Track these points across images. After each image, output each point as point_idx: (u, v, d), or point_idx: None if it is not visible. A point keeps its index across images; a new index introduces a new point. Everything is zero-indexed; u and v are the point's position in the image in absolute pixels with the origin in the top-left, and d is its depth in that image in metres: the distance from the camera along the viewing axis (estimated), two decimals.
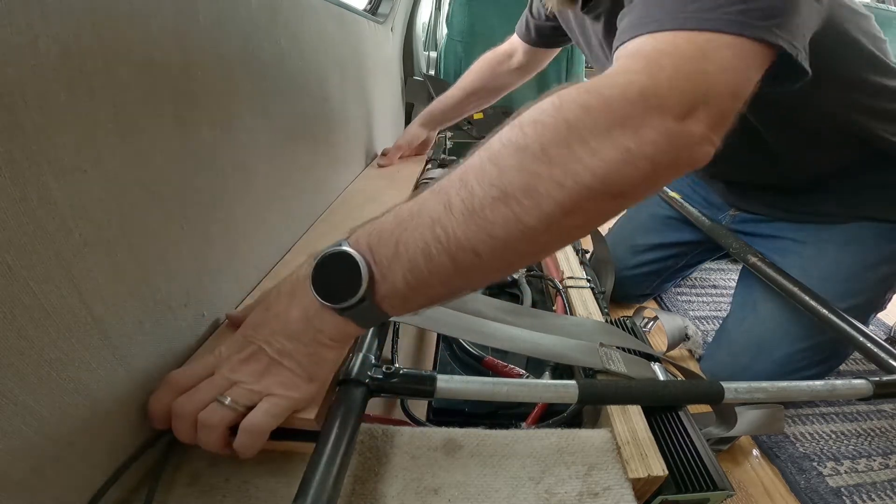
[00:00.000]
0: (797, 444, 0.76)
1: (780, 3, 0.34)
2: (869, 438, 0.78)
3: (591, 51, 0.77)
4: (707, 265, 1.30)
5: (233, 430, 0.31)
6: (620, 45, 0.35)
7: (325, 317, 0.30)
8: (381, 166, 0.94)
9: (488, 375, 0.48)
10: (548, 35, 0.91)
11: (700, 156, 0.30)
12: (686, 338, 0.92)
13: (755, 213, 0.89)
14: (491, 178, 0.27)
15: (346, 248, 0.29)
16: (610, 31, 0.63)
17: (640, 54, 0.31)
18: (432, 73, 1.79)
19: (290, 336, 0.31)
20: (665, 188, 0.99)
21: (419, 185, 0.84)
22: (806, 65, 0.37)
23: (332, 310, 0.30)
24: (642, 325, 0.97)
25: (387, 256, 0.29)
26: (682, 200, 0.93)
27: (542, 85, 1.74)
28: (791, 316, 0.77)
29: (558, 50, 0.99)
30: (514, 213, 0.27)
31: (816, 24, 0.42)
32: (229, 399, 0.30)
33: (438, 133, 1.11)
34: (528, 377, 0.47)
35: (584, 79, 1.78)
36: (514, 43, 1.00)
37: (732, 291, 0.95)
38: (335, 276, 0.29)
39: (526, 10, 0.93)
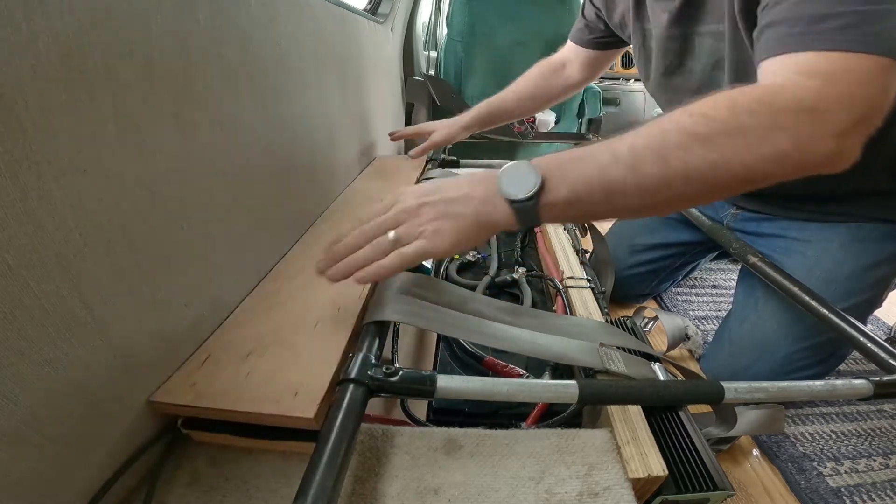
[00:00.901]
0: (797, 444, 0.76)
1: None
2: (869, 438, 0.78)
3: (636, 41, 0.77)
4: (707, 265, 1.30)
5: None
6: (779, 55, 0.40)
7: (498, 203, 0.38)
8: (412, 157, 0.95)
9: (488, 375, 0.48)
10: (601, 38, 0.91)
11: (844, 164, 0.36)
12: (686, 338, 0.92)
13: (757, 211, 0.88)
14: (654, 146, 0.36)
15: (528, 163, 0.38)
16: (681, 17, 0.65)
17: (813, 73, 0.36)
18: (432, 72, 1.79)
19: (466, 203, 0.38)
20: None
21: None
22: None
23: (506, 200, 0.37)
24: (642, 325, 0.97)
25: (556, 176, 0.37)
26: None
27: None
28: (792, 316, 0.77)
29: (615, 57, 0.99)
30: (663, 173, 0.35)
31: None
32: (393, 234, 0.38)
33: None
34: (528, 377, 0.47)
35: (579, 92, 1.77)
36: (568, 52, 0.99)
37: (732, 291, 0.95)
38: (517, 178, 0.37)
39: (579, 16, 0.93)
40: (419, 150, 0.95)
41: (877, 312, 0.88)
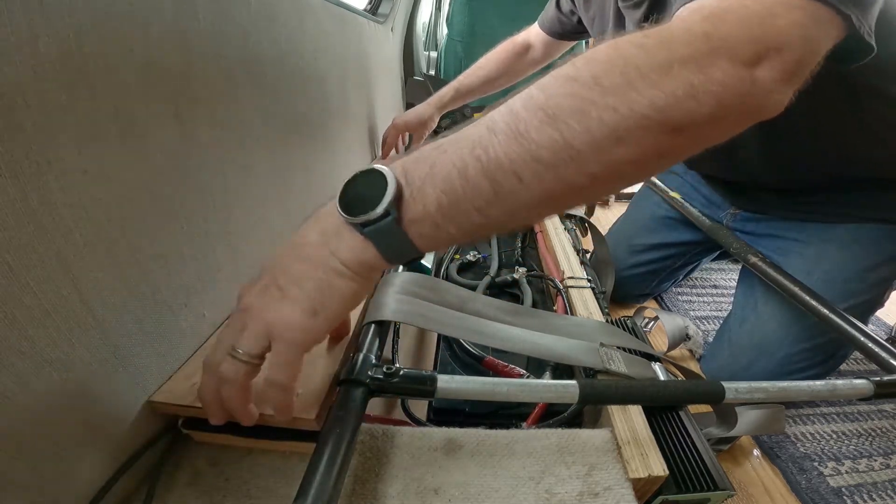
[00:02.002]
0: (798, 444, 0.76)
1: None
2: (870, 438, 0.78)
3: None
4: (707, 265, 1.30)
5: None
6: (677, 10, 0.33)
7: (344, 234, 0.28)
8: (384, 156, 0.94)
9: (489, 375, 0.48)
10: (571, 31, 0.94)
11: (771, 104, 0.28)
12: (687, 338, 0.92)
13: (756, 212, 0.88)
14: (538, 102, 0.26)
15: (376, 166, 0.28)
16: (648, 18, 0.63)
17: (701, 9, 0.29)
18: (432, 72, 1.79)
19: (301, 258, 0.28)
20: (665, 188, 0.99)
21: None
22: (872, 41, 0.36)
23: (353, 227, 0.28)
24: (643, 325, 0.97)
25: (419, 176, 0.27)
26: (682, 200, 0.93)
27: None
28: (793, 316, 0.77)
29: (573, 43, 1.02)
30: (562, 136, 0.25)
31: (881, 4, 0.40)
32: (241, 349, 0.27)
33: (437, 131, 1.10)
34: (528, 377, 0.47)
35: None
36: (532, 34, 1.01)
37: (733, 291, 0.95)
38: (361, 189, 0.28)
39: (553, 5, 0.94)
40: (387, 148, 0.94)
41: (878, 312, 0.87)
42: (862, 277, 0.75)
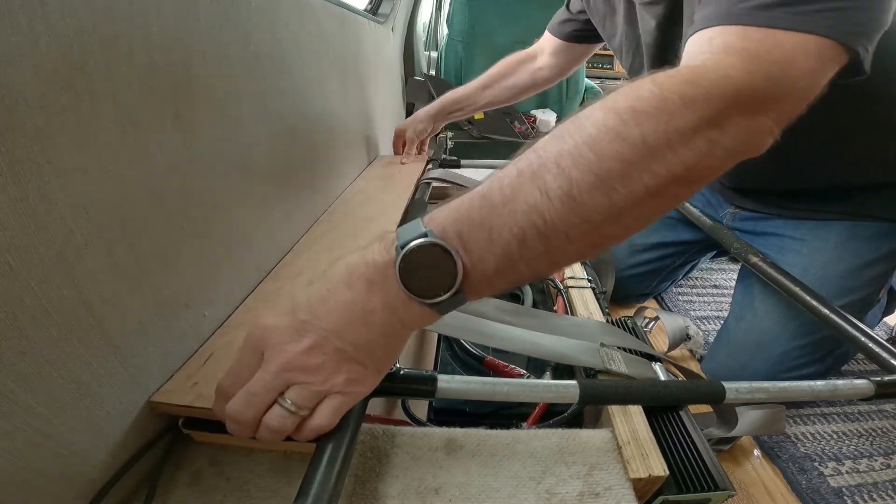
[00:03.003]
0: (798, 445, 0.76)
1: (877, 13, 0.35)
2: (870, 438, 0.78)
3: (629, 45, 0.76)
4: (708, 265, 1.30)
5: None
6: (702, 29, 0.36)
7: (413, 309, 0.29)
8: (403, 163, 0.96)
9: (489, 375, 0.48)
10: (580, 33, 0.92)
11: (764, 145, 0.31)
12: (687, 338, 0.92)
13: (754, 210, 0.89)
14: (590, 164, 0.27)
15: (434, 239, 0.27)
16: (670, 20, 0.62)
17: (734, 50, 0.32)
18: (433, 73, 1.79)
19: (369, 326, 0.28)
20: None
21: (419, 186, 0.84)
22: (868, 68, 0.38)
23: (420, 303, 0.28)
24: (643, 325, 0.97)
25: (479, 245, 0.28)
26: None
27: (540, 98, 1.73)
28: (788, 313, 0.77)
29: (589, 53, 0.99)
30: (610, 201, 0.27)
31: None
32: (290, 402, 0.27)
33: (439, 133, 1.11)
34: (528, 377, 0.47)
35: (580, 91, 1.77)
36: (543, 43, 1.00)
37: (733, 291, 0.95)
38: (425, 269, 0.28)
39: (563, 7, 0.94)
40: (408, 153, 0.96)
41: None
42: (857, 274, 0.75)
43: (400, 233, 0.28)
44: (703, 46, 0.34)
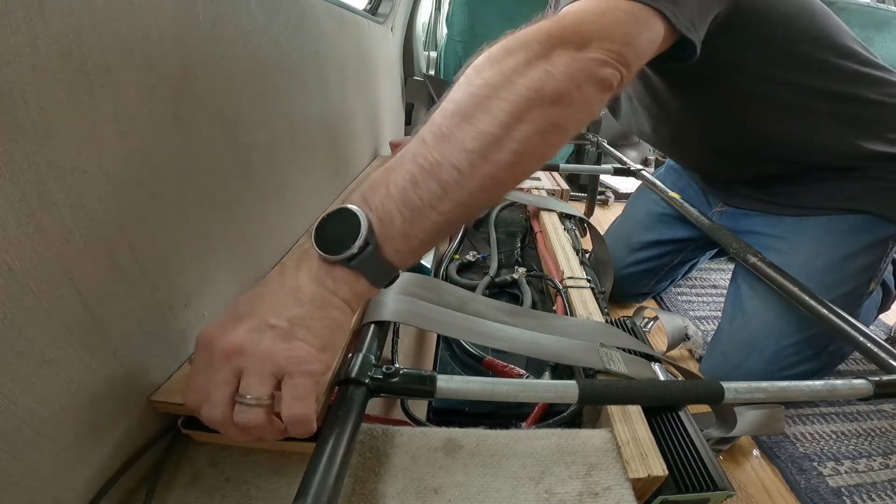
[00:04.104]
0: (797, 445, 0.76)
1: None
2: (869, 438, 0.78)
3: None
4: (707, 265, 1.30)
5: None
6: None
7: (337, 274, 0.31)
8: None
9: (488, 375, 0.48)
10: None
11: (606, 76, 0.36)
12: (686, 338, 0.92)
13: (738, 206, 0.90)
14: (451, 109, 0.33)
15: (341, 205, 0.31)
16: None
17: (556, 16, 0.38)
18: (432, 73, 1.79)
19: (300, 301, 0.30)
20: (665, 188, 0.99)
21: None
22: (691, 37, 0.45)
23: (341, 264, 0.30)
24: (642, 325, 0.97)
25: (380, 199, 0.31)
26: (682, 201, 0.93)
27: None
28: (778, 312, 0.77)
29: None
30: (476, 127, 0.32)
31: (719, 5, 0.52)
32: (249, 396, 0.27)
33: None
34: (528, 377, 0.47)
35: None
36: None
37: (726, 292, 0.95)
38: (336, 229, 0.31)
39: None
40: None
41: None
42: (838, 268, 0.76)
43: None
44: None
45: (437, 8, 1.92)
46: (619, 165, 1.16)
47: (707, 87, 0.68)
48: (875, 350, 0.47)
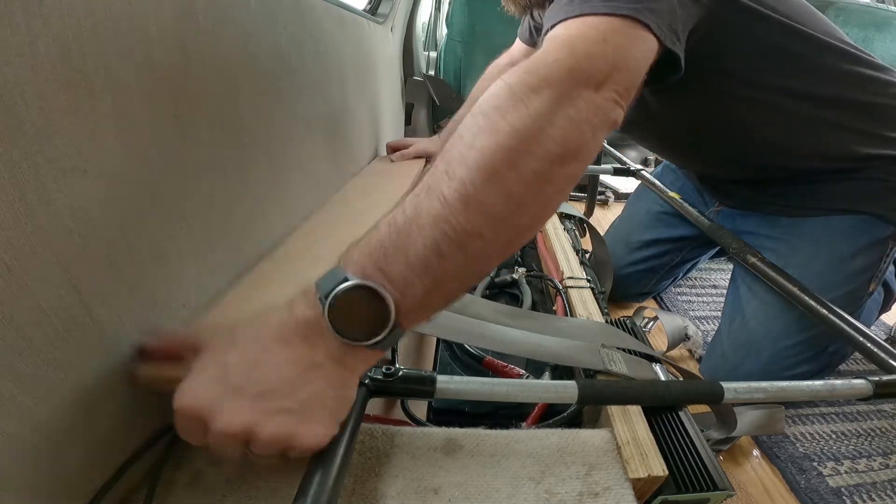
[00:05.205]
0: (797, 445, 0.76)
1: (672, 5, 0.44)
2: (869, 438, 0.78)
3: None
4: (707, 265, 1.30)
5: None
6: (546, 32, 0.41)
7: (360, 355, 0.29)
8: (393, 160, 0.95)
9: (488, 376, 0.48)
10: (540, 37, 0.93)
11: (615, 117, 0.35)
12: (686, 338, 0.92)
13: (735, 206, 0.90)
14: (476, 161, 0.29)
15: (356, 280, 0.28)
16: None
17: (559, 39, 0.37)
18: (432, 73, 1.79)
19: (315, 380, 0.28)
20: (664, 188, 0.99)
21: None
22: (674, 49, 0.45)
23: (367, 346, 0.29)
24: (642, 325, 0.97)
25: (400, 271, 0.28)
26: (681, 200, 0.93)
27: None
28: (776, 314, 0.77)
29: None
30: (505, 188, 0.30)
31: (695, 16, 0.51)
32: (258, 453, 0.27)
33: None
34: (527, 377, 0.47)
35: None
36: (515, 49, 1.01)
37: (725, 294, 0.95)
38: (356, 313, 0.28)
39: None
40: (404, 154, 0.96)
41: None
42: (836, 268, 0.75)
43: (320, 284, 0.28)
44: (545, 43, 0.38)
45: (437, 8, 1.92)
46: (618, 165, 1.16)
47: (695, 94, 0.68)
48: (875, 350, 0.47)
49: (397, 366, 0.35)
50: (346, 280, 0.28)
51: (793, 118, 0.70)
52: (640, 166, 1.09)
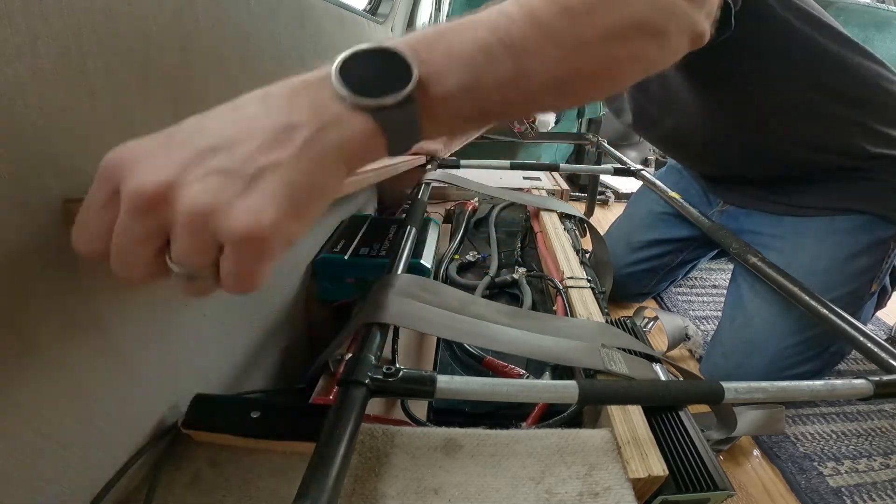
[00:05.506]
0: (797, 444, 0.76)
1: None
2: (869, 438, 0.78)
3: None
4: (707, 265, 1.30)
5: None
6: None
7: (354, 123, 0.22)
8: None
9: (488, 375, 0.48)
10: None
11: (701, 29, 0.35)
12: (686, 338, 0.92)
13: (742, 206, 0.91)
14: None
15: (381, 45, 0.24)
16: None
17: None
18: None
19: (284, 143, 0.21)
20: (665, 188, 0.99)
21: (421, 185, 0.84)
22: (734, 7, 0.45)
23: (366, 111, 0.23)
24: (642, 325, 0.97)
25: (437, 59, 0.25)
26: (681, 200, 0.93)
27: None
28: (779, 312, 0.78)
29: None
30: (574, 26, 0.29)
31: None
32: (180, 263, 0.20)
33: None
34: (528, 377, 0.47)
35: None
36: None
37: (726, 293, 0.95)
38: (371, 69, 0.23)
39: None
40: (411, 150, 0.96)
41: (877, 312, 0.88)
42: (841, 268, 0.76)
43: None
44: None
45: (437, 8, 1.91)
46: (619, 165, 1.16)
47: (726, 88, 0.68)
48: (875, 350, 0.47)
49: (397, 366, 0.35)
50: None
51: (818, 115, 0.70)
52: (640, 166, 1.09)
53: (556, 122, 1.80)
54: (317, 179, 0.22)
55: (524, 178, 1.09)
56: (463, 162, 0.99)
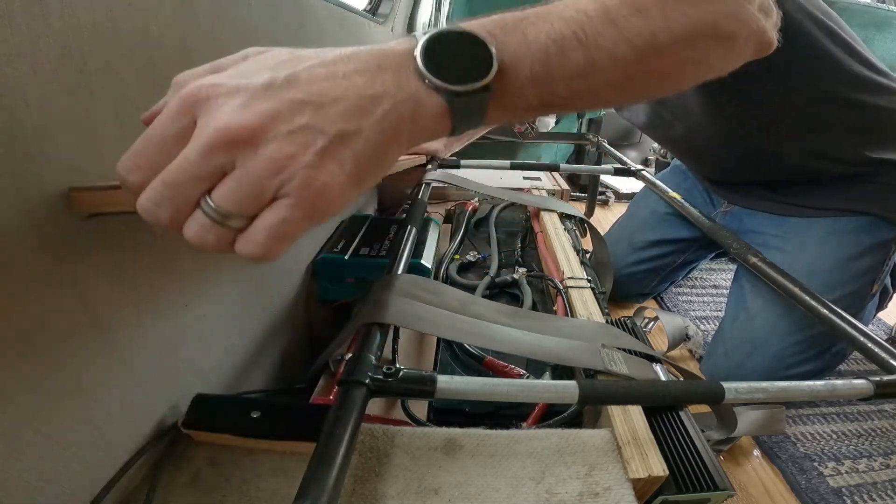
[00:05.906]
0: (798, 445, 0.76)
1: None
2: (870, 438, 0.78)
3: None
4: (707, 265, 1.30)
5: None
6: None
7: (432, 103, 0.23)
8: None
9: (489, 376, 0.48)
10: None
11: (768, 39, 0.35)
12: (687, 338, 0.92)
13: (741, 205, 0.91)
14: None
15: (464, 29, 0.25)
16: None
17: None
18: None
19: (364, 112, 0.21)
20: (665, 188, 0.99)
21: (422, 185, 0.84)
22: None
23: (439, 94, 0.23)
24: (643, 325, 0.97)
25: (513, 45, 0.26)
26: (682, 201, 0.93)
27: None
28: (781, 311, 0.78)
29: None
30: (649, 25, 0.29)
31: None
32: (213, 205, 0.20)
33: None
34: (528, 377, 0.47)
35: None
36: None
37: (728, 292, 0.95)
38: (454, 55, 0.24)
39: None
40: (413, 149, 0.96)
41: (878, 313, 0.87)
42: (844, 268, 0.76)
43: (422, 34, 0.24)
44: None
45: (438, 8, 1.91)
46: (619, 166, 1.16)
47: (730, 95, 0.69)
48: (875, 350, 0.47)
49: (397, 366, 0.35)
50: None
51: (833, 122, 0.71)
52: (640, 166, 1.09)
53: (557, 122, 1.80)
54: (383, 152, 0.23)
55: (524, 178, 1.09)
56: (463, 162, 0.99)
